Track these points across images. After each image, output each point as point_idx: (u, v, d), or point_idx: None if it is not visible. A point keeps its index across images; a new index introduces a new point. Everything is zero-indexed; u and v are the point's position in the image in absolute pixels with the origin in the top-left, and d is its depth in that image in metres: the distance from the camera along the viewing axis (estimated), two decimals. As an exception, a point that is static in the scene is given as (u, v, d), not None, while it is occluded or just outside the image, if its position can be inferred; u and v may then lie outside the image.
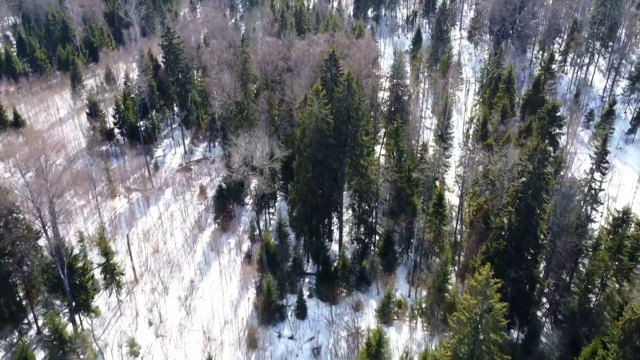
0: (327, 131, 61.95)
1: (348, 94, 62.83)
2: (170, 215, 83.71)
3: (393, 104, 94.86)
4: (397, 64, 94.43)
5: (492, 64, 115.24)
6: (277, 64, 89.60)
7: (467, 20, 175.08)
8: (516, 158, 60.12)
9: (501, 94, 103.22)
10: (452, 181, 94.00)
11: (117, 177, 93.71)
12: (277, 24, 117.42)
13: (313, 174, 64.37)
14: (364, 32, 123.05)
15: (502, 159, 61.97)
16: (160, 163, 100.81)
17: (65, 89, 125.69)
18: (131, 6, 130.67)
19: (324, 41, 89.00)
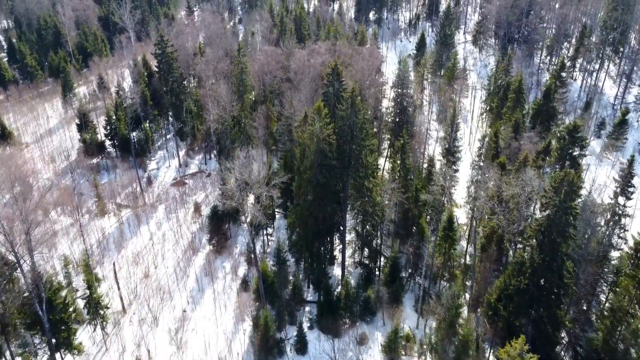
0: (330, 153, 56.65)
1: (352, 112, 57.58)
2: (162, 236, 78.49)
3: (397, 114, 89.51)
4: (402, 73, 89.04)
5: (501, 72, 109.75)
6: (275, 74, 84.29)
7: (472, 24, 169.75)
8: (535, 183, 54.93)
9: (511, 103, 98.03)
10: (460, 197, 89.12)
11: (107, 193, 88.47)
12: (276, 29, 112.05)
13: (314, 198, 59.17)
14: (367, 38, 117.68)
15: (519, 182, 56.75)
16: (154, 177, 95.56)
17: (56, 97, 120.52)
18: (125, 10, 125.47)
19: (325, 50, 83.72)
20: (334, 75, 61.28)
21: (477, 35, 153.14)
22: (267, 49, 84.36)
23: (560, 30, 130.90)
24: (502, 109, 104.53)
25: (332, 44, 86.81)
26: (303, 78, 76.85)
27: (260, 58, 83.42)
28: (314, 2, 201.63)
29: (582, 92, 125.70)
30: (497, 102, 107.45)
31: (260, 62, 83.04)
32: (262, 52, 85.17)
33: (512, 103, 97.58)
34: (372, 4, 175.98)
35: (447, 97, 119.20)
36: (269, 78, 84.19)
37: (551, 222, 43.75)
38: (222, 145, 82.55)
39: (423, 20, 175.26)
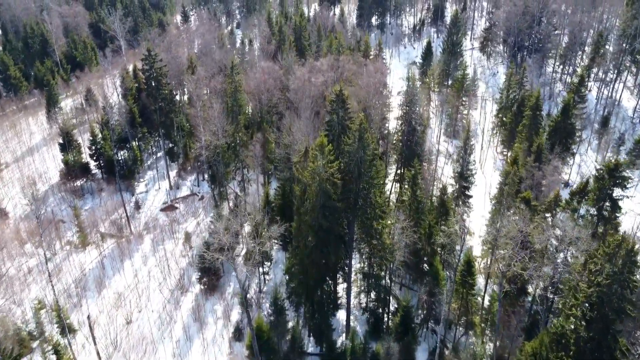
0: (334, 194, 48.60)
1: (359, 147, 49.56)
2: (147, 273, 70.44)
3: (405, 134, 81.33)
4: (410, 90, 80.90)
5: (514, 84, 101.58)
6: (273, 93, 76.17)
7: (479, 29, 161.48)
8: (570, 229, 46.90)
9: (527, 121, 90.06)
10: (474, 224, 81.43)
11: (90, 221, 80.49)
12: (275, 39, 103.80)
13: (316, 244, 51.18)
14: (370, 48, 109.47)
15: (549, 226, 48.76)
16: (142, 201, 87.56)
17: (41, 110, 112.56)
18: (115, 18, 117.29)
19: (328, 66, 75.59)
20: (339, 102, 53.14)
21: (485, 42, 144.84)
22: (264, 65, 76.17)
23: (574, 38, 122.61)
24: (517, 126, 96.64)
25: (335, 59, 78.56)
26: (303, 98, 68.75)
27: (257, 76, 75.21)
28: (314, 5, 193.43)
29: (599, 105, 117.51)
30: (510, 118, 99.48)
31: (257, 81, 74.83)
32: (258, 69, 76.88)
33: (528, 121, 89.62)
34: (375, 9, 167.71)
35: (455, 109, 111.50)
36: (266, 97, 76.03)
37: (603, 295, 35.80)
38: (215, 171, 74.50)
39: (428, 26, 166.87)
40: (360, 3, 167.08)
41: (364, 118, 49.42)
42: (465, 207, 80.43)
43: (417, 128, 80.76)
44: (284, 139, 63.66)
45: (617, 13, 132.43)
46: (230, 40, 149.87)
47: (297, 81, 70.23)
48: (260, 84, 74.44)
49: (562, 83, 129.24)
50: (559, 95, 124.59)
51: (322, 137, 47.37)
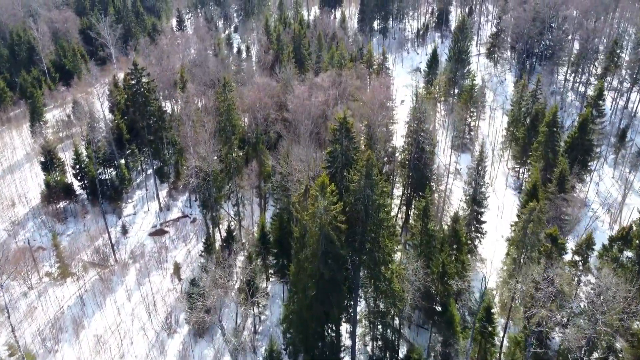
0: (338, 241, 41.74)
1: (366, 184, 42.67)
2: (132, 311, 63.58)
3: (413, 155, 74.37)
4: (418, 106, 73.91)
5: (528, 98, 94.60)
6: (269, 112, 69.25)
7: (485, 34, 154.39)
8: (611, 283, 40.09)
9: (542, 138, 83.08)
10: (487, 250, 74.84)
11: (72, 249, 73.81)
12: (273, 48, 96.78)
13: (317, 294, 44.29)
14: (374, 57, 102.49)
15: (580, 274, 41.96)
16: (130, 224, 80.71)
17: (27, 122, 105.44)
18: (105, 25, 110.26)
19: (329, 83, 68.70)
20: (343, 131, 46.25)
21: (492, 48, 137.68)
22: (260, 81, 69.21)
23: (586, 45, 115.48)
24: (530, 141, 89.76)
25: (337, 73, 71.53)
26: (302, 119, 61.85)
27: (251, 94, 68.25)
28: (314, 8, 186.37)
29: (614, 116, 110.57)
30: (523, 132, 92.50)
31: (252, 98, 67.84)
32: (254, 85, 69.85)
33: (544, 138, 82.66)
34: (377, 13, 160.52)
35: (463, 121, 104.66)
36: (262, 114, 69.05)
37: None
38: (206, 196, 67.66)
39: (432, 31, 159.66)
40: (362, 7, 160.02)
41: (371, 153, 42.48)
42: (477, 233, 73.90)
43: (425, 148, 73.78)
44: (281, 168, 56.79)
45: (633, 19, 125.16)
46: (227, 46, 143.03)
47: (296, 100, 63.28)
48: (256, 101, 67.45)
49: (574, 92, 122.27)
50: (571, 105, 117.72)
51: (324, 176, 40.52)
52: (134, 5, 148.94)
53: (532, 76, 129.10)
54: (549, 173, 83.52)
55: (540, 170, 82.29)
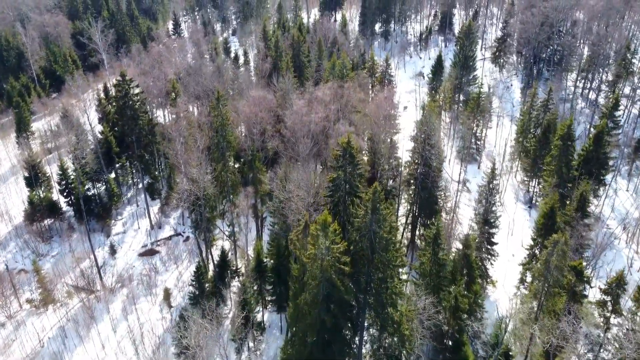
0: (342, 285, 36.58)
1: (372, 220, 37.51)
2: (117, 344, 58.44)
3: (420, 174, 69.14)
4: (426, 120, 68.67)
5: (539, 108, 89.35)
6: (266, 128, 63.98)
7: (491, 37, 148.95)
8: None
9: (556, 152, 77.90)
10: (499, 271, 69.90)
11: (56, 271, 68.69)
12: (270, 56, 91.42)
13: (317, 342, 39.09)
14: (377, 65, 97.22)
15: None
16: (119, 244, 75.60)
17: (14, 131, 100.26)
18: (96, 30, 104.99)
19: (330, 96, 63.45)
20: (346, 157, 41.02)
21: (498, 53, 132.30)
22: (256, 95, 64.00)
23: (597, 51, 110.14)
24: (542, 154, 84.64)
25: (339, 86, 66.20)
26: (301, 137, 56.63)
27: (247, 109, 62.94)
28: (314, 11, 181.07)
29: (627, 125, 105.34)
30: (534, 145, 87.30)
31: (247, 113, 62.52)
32: (249, 101, 64.47)
33: (557, 152, 77.47)
34: (378, 15, 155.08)
35: (470, 131, 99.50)
36: (259, 129, 63.73)
37: None
38: (198, 218, 62.47)
39: (435, 34, 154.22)
40: (363, 9, 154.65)
41: (377, 185, 37.27)
42: (489, 254, 68.81)
43: (432, 165, 68.48)
44: (279, 192, 51.59)
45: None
46: (224, 51, 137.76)
47: (294, 116, 58.01)
48: (251, 117, 62.17)
49: (584, 99, 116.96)
50: (582, 113, 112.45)
51: (326, 214, 35.31)
52: (129, 8, 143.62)
53: (540, 82, 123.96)
54: (563, 189, 78.64)
55: (553, 185, 77.39)
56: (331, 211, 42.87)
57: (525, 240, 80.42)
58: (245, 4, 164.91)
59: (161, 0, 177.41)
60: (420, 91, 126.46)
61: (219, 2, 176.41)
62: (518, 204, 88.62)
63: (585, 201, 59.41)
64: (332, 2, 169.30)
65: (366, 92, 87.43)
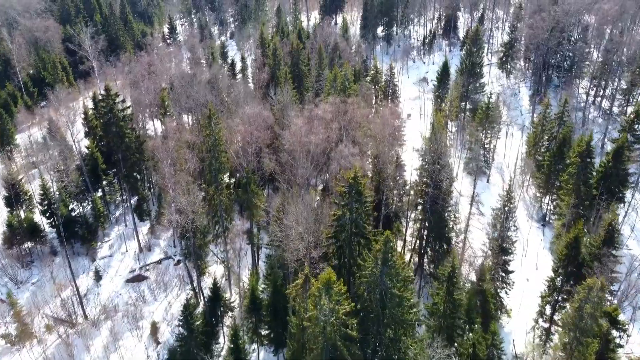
0: (349, 354, 30.64)
1: (384, 272, 31.56)
2: (98, 390, 52.63)
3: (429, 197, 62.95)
4: (435, 138, 62.61)
5: (553, 121, 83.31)
6: (261, 145, 58.00)
7: (497, 41, 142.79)
8: None
9: (573, 170, 71.97)
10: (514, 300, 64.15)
11: (36, 301, 62.85)
12: (268, 64, 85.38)
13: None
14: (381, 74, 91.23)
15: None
16: (104, 269, 69.78)
17: None
18: (86, 36, 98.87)
19: (332, 112, 57.45)
20: (353, 194, 35.07)
21: (505, 58, 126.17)
22: (251, 113, 57.96)
23: (611, 56, 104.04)
24: (557, 170, 78.76)
25: (342, 101, 60.13)
26: (300, 159, 50.69)
27: (241, 128, 56.99)
28: (314, 14, 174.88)
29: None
30: (548, 159, 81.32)
31: (241, 132, 56.54)
32: (243, 119, 58.35)
33: (575, 170, 71.51)
34: (380, 19, 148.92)
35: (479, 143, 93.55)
36: (254, 149, 57.80)
37: None
38: (189, 245, 56.61)
39: (439, 38, 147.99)
40: (365, 13, 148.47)
41: (389, 234, 31.37)
42: (504, 283, 63.02)
43: (443, 187, 62.42)
44: (275, 231, 45.71)
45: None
46: (221, 56, 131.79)
47: (294, 137, 51.97)
48: (246, 136, 56.21)
49: (596, 108, 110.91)
50: (594, 122, 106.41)
51: (329, 272, 29.46)
52: (123, 12, 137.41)
53: (549, 89, 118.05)
54: (581, 208, 72.78)
55: (571, 206, 71.49)
56: (335, 254, 36.97)
57: (540, 263, 74.68)
58: (243, 7, 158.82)
59: (157, 3, 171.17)
60: (425, 98, 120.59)
61: (217, 4, 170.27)
62: (530, 222, 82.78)
63: (614, 232, 53.30)
64: (332, 4, 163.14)
65: (369, 103, 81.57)
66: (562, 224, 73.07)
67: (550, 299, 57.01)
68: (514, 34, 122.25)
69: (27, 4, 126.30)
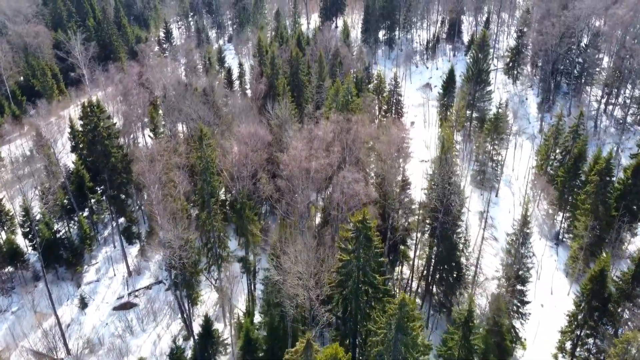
0: None
1: (398, 339, 26.55)
2: None
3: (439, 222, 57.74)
4: (444, 159, 57.47)
5: (568, 135, 78.17)
6: (256, 168, 52.89)
7: (503, 45, 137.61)
8: None
9: (592, 189, 66.99)
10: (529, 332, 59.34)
11: (15, 332, 57.94)
12: (266, 74, 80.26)
13: None
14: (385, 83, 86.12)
15: None
16: (90, 295, 64.80)
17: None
18: (76, 43, 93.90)
19: (334, 134, 52.31)
20: (361, 240, 30.02)
21: (511, 64, 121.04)
22: (245, 132, 52.70)
23: (626, 63, 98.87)
24: (572, 187, 73.84)
25: (346, 119, 54.85)
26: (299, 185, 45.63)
27: (235, 150, 51.92)
28: (314, 16, 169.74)
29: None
30: (562, 175, 76.34)
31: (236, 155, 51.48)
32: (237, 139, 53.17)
33: (594, 189, 66.45)
34: (382, 22, 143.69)
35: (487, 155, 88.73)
36: (249, 170, 52.71)
37: None
38: (178, 278, 51.57)
39: (443, 42, 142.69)
40: (366, 16, 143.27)
41: (406, 297, 26.34)
42: (518, 313, 58.06)
43: (453, 210, 57.29)
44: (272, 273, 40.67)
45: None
46: (218, 60, 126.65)
47: (293, 161, 46.83)
48: (241, 158, 51.13)
49: (608, 116, 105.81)
50: (606, 132, 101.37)
51: (336, 347, 24.33)
52: (117, 15, 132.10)
53: (558, 96, 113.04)
54: (599, 230, 67.79)
55: (590, 228, 66.44)
56: (339, 304, 31.95)
57: (555, 287, 69.84)
58: (241, 10, 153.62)
59: (153, 6, 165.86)
60: (429, 105, 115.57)
61: (214, 7, 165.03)
62: (543, 241, 77.86)
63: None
64: (333, 7, 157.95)
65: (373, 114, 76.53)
66: (579, 247, 68.13)
67: (572, 335, 52.12)
68: (522, 39, 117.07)
69: (17, 9, 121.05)
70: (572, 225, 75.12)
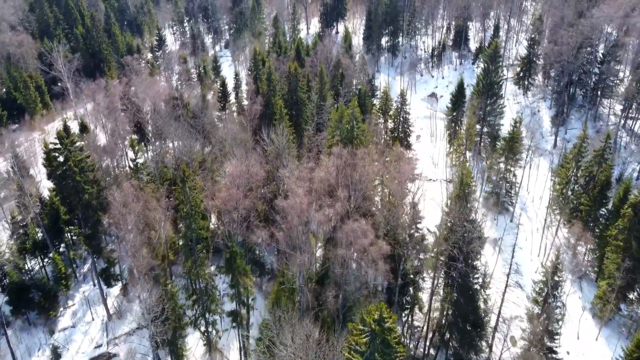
0: None
1: None
2: None
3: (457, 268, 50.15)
4: (462, 199, 49.77)
5: (593, 159, 70.42)
6: (249, 212, 45.38)
7: (512, 54, 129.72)
8: None
9: (624, 224, 59.55)
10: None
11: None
12: (262, 91, 72.63)
13: None
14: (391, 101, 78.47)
15: None
16: (65, 344, 57.30)
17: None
18: (59, 55, 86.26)
19: (337, 175, 44.71)
20: (377, 345, 22.42)
21: (522, 74, 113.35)
22: (234, 172, 45.00)
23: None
24: (598, 217, 66.37)
25: (351, 154, 47.02)
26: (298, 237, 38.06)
27: (223, 195, 44.37)
28: (314, 21, 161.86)
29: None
30: (586, 204, 68.80)
31: (223, 197, 44.00)
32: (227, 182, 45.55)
33: (626, 224, 58.83)
34: (385, 28, 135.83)
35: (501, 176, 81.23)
36: (240, 214, 45.18)
37: None
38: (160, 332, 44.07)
39: (449, 50, 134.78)
40: (368, 22, 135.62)
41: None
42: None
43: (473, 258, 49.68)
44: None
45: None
46: (213, 69, 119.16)
47: (292, 211, 39.20)
48: (229, 201, 43.63)
49: (627, 131, 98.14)
50: (627, 149, 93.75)
51: None
52: (107, 22, 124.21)
53: (573, 109, 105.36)
54: (634, 270, 60.13)
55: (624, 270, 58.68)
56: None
57: (581, 331, 62.44)
58: (238, 15, 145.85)
59: (147, 11, 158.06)
60: (435, 117, 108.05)
61: (211, 12, 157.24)
62: (565, 274, 70.14)
63: None
64: (333, 12, 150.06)
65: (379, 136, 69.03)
66: (608, 286, 60.55)
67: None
68: (533, 49, 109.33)
69: (1, 16, 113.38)
70: (595, 257, 67.83)
